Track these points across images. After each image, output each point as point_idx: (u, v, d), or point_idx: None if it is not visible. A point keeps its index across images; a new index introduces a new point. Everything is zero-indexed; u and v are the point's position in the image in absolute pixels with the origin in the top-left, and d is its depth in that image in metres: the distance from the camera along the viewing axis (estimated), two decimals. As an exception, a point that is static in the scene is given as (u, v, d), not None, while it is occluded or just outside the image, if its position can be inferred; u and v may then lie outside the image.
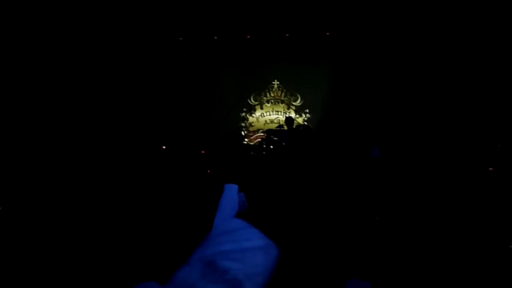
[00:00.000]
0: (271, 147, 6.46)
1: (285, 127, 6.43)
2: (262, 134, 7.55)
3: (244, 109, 8.34)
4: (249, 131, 8.40)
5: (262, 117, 8.56)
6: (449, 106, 6.22)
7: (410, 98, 6.75)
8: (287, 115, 7.78)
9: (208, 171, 6.18)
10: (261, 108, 8.61)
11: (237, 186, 1.67)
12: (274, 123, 8.37)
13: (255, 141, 8.11)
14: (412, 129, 6.51)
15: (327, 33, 7.82)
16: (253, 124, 8.48)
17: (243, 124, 8.44)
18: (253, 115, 8.61)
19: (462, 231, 3.10)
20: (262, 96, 8.61)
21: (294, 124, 6.88)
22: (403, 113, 6.76)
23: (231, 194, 1.64)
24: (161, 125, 7.94)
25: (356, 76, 7.75)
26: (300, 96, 8.45)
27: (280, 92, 8.56)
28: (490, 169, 4.95)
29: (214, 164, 6.35)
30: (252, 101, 8.59)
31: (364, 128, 6.98)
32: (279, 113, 8.45)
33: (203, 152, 7.39)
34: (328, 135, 6.98)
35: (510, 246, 2.67)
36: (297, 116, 8.30)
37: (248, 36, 8.13)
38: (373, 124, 6.86)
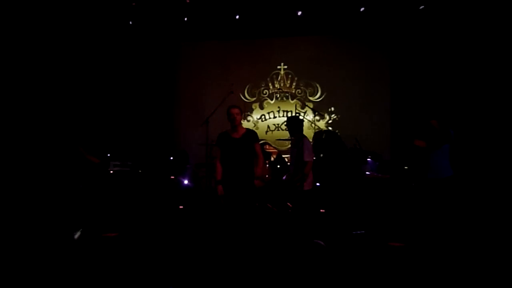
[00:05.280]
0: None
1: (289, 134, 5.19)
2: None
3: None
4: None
5: (263, 121, 7.21)
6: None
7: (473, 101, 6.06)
8: (300, 117, 6.27)
9: (181, 206, 5.62)
10: (261, 108, 7.28)
11: None
12: (282, 129, 6.98)
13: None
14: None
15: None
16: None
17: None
18: (249, 118, 7.31)
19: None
20: (262, 88, 7.29)
21: (310, 129, 6.42)
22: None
23: None
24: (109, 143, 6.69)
25: (405, 57, 6.60)
26: (320, 87, 7.01)
27: (289, 82, 7.17)
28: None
29: (189, 196, 5.74)
30: (247, 97, 7.29)
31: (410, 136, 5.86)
32: (289, 114, 7.09)
33: (172, 177, 6.43)
34: (361, 145, 5.70)
35: None
36: (317, 118, 6.90)
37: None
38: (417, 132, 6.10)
